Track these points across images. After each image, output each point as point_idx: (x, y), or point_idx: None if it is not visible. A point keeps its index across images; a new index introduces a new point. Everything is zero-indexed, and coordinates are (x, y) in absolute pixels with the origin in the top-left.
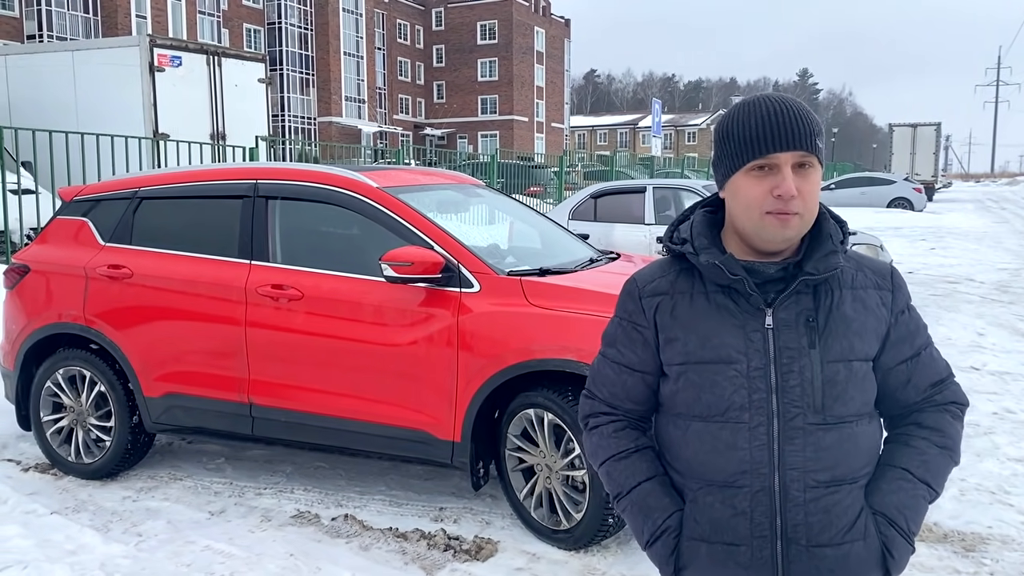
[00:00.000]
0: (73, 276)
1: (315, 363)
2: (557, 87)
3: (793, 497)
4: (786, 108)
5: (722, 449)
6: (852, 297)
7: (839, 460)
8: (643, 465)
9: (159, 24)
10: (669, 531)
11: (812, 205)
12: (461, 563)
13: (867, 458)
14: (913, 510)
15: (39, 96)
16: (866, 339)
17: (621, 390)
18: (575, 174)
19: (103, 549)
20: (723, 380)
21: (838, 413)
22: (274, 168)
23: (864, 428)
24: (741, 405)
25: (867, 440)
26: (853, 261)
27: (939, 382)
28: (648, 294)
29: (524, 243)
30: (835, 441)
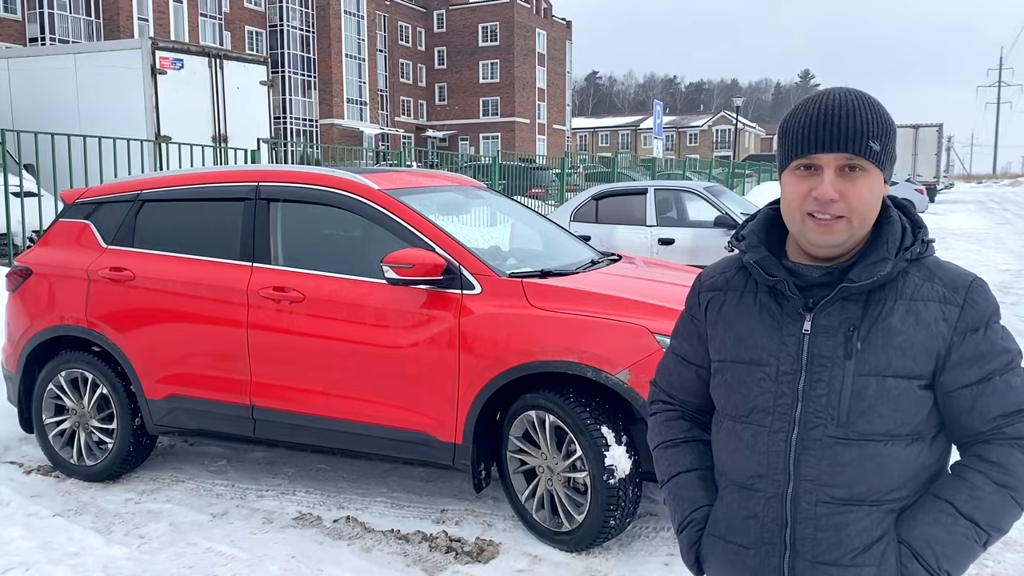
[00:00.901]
0: (75, 279)
1: (317, 365)
2: (559, 89)
3: (804, 509)
4: (839, 106)
5: (742, 449)
6: (906, 309)
7: (858, 479)
8: (686, 457)
9: (161, 27)
10: (694, 524)
11: (862, 209)
12: (463, 565)
13: (897, 482)
14: (948, 547)
15: (41, 99)
16: (911, 355)
17: (678, 380)
18: (577, 176)
19: (105, 551)
20: (751, 381)
21: (862, 430)
22: (276, 170)
23: (896, 450)
24: (764, 408)
25: (897, 463)
26: (925, 270)
27: (1012, 413)
28: (706, 288)
29: (525, 245)
30: (855, 458)
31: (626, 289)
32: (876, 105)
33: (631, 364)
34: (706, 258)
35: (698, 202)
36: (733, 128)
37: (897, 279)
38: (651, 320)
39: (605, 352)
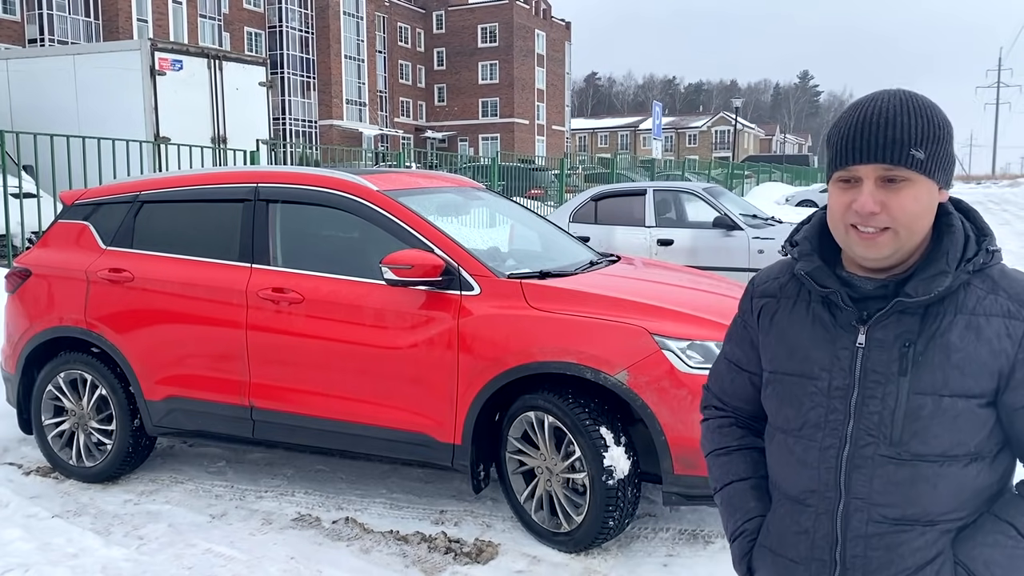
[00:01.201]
0: (74, 280)
1: (316, 366)
2: (558, 90)
3: (855, 527)
4: (879, 113)
5: (794, 464)
6: (966, 324)
7: (912, 499)
8: (739, 465)
9: (160, 28)
10: (746, 534)
11: (907, 221)
12: (462, 566)
13: (953, 503)
14: (1008, 570)
15: (40, 100)
16: (970, 374)
17: (730, 387)
18: (576, 177)
19: (104, 552)
20: (803, 395)
21: (915, 450)
22: (275, 172)
23: (952, 471)
24: (816, 423)
25: (954, 484)
26: (989, 281)
27: None
28: (759, 294)
29: (524, 246)
30: (908, 478)
31: (625, 290)
32: (923, 109)
33: (630, 365)
34: (705, 259)
35: (697, 203)
36: (732, 129)
37: (958, 291)
38: (650, 321)
39: (604, 353)
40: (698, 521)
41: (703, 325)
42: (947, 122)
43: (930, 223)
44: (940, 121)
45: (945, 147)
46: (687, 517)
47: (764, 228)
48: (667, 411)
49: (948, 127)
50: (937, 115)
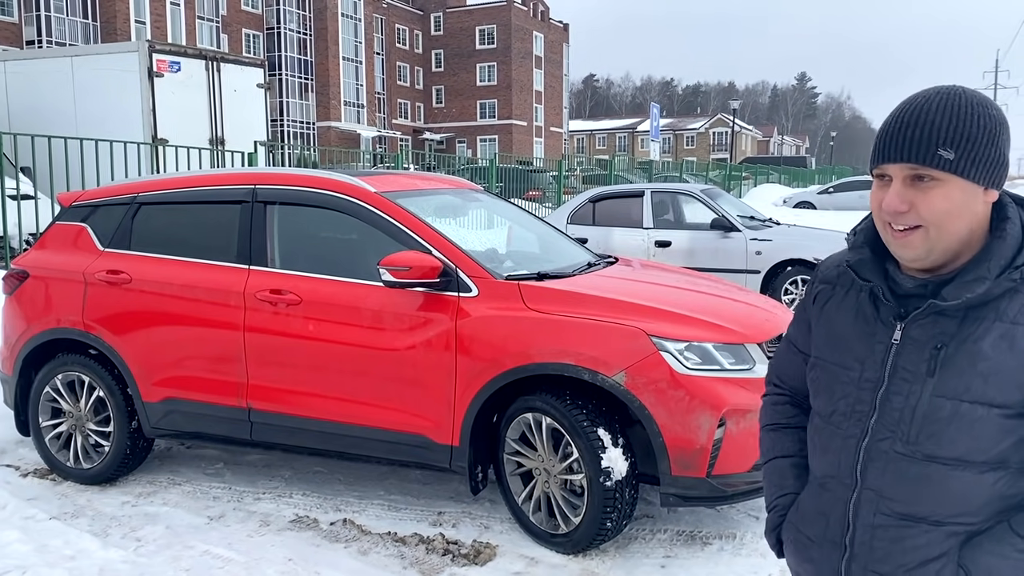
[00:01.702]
0: (72, 281)
1: (313, 368)
2: (556, 91)
3: (863, 516)
4: (913, 112)
5: (820, 448)
6: (1002, 333)
7: (920, 497)
8: (785, 442)
9: (158, 30)
10: (778, 508)
11: (936, 220)
12: (460, 567)
13: (965, 507)
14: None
15: (38, 101)
16: (995, 383)
17: (788, 367)
18: (574, 178)
19: (102, 554)
20: (835, 384)
21: (929, 451)
22: (273, 173)
23: (967, 475)
24: (844, 412)
25: (968, 489)
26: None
27: None
28: (820, 280)
29: (522, 247)
30: (919, 477)
31: (623, 292)
32: (962, 107)
33: (627, 366)
34: (703, 260)
35: (695, 204)
36: (730, 130)
37: (1002, 298)
38: (647, 322)
39: (601, 354)
40: (696, 522)
41: (700, 326)
42: (992, 120)
43: (968, 224)
44: (981, 120)
45: (984, 147)
46: (685, 518)
47: (762, 230)
48: (665, 412)
49: (991, 126)
50: (979, 114)
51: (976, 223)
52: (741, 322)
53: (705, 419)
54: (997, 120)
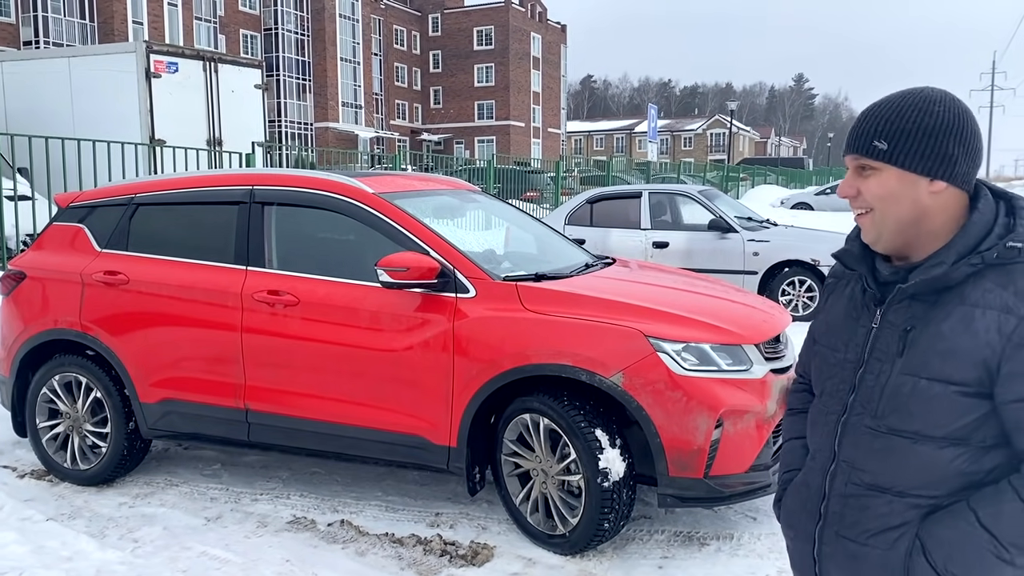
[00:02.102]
0: (69, 282)
1: (311, 369)
2: (554, 92)
3: (837, 487)
4: (867, 110)
5: (811, 424)
6: (961, 315)
7: (884, 469)
8: (797, 425)
9: (156, 30)
10: (781, 483)
11: (876, 204)
12: (457, 568)
13: (924, 480)
14: (961, 553)
15: (35, 102)
16: (951, 361)
17: (805, 357)
18: (572, 179)
19: (99, 555)
20: (825, 365)
21: (891, 424)
22: (270, 174)
23: (925, 449)
24: (830, 392)
25: (926, 462)
26: (1005, 276)
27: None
28: (831, 274)
29: (520, 248)
30: (884, 449)
31: (620, 292)
32: (906, 104)
33: (625, 367)
34: (700, 261)
35: (692, 205)
36: (727, 132)
37: (967, 283)
38: (645, 323)
39: (599, 355)
40: (693, 523)
41: (698, 327)
42: (936, 117)
43: (911, 211)
44: (922, 116)
45: (920, 140)
46: (682, 519)
47: (759, 231)
48: (662, 413)
49: (932, 122)
50: (923, 110)
51: (923, 212)
52: (739, 323)
53: (702, 420)
54: (943, 118)
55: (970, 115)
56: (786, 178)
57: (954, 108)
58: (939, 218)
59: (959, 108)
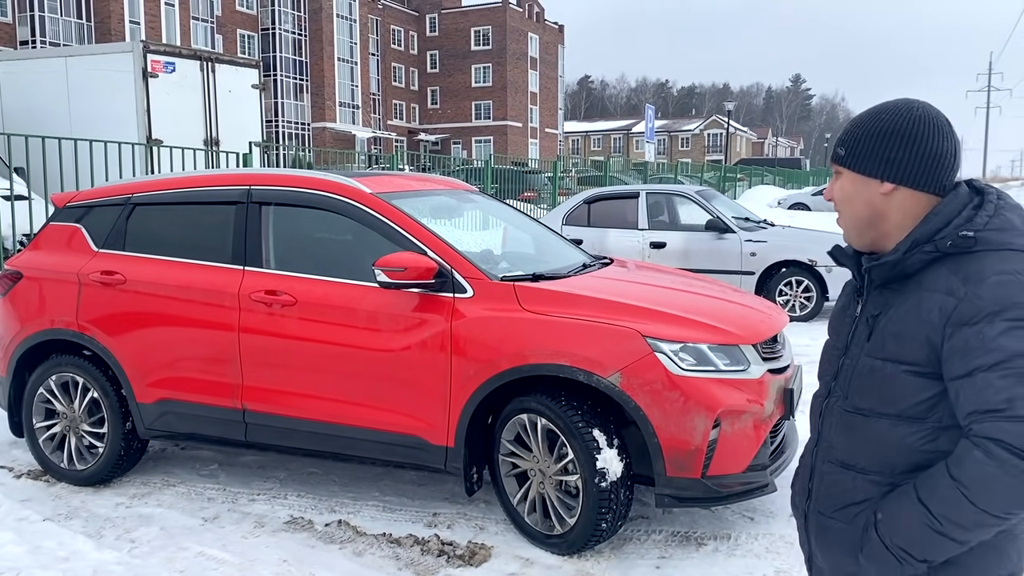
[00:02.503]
0: (66, 282)
1: (309, 369)
2: (551, 92)
3: (818, 465)
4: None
5: (809, 410)
6: (916, 299)
7: (848, 446)
8: None
9: (153, 30)
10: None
11: (839, 206)
12: (455, 568)
13: (879, 456)
14: (902, 525)
15: (32, 102)
16: (901, 342)
17: None
18: (569, 179)
19: (96, 556)
20: (823, 355)
21: (855, 403)
22: (268, 174)
23: (882, 426)
24: (821, 376)
25: (882, 439)
26: (957, 264)
27: (983, 412)
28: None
29: (518, 248)
30: (849, 427)
31: (618, 293)
32: (868, 116)
33: (623, 367)
34: (697, 261)
35: (690, 206)
36: (725, 132)
37: (925, 270)
38: (642, 323)
39: (596, 355)
40: (691, 523)
41: (695, 328)
42: (890, 127)
43: (867, 211)
44: (878, 125)
45: (868, 144)
46: (680, 519)
47: (756, 231)
48: (660, 413)
49: (886, 130)
50: (881, 120)
51: (877, 212)
52: (736, 323)
53: (700, 420)
54: (891, 124)
55: (927, 122)
56: (783, 178)
57: (907, 115)
58: (895, 217)
59: (913, 116)
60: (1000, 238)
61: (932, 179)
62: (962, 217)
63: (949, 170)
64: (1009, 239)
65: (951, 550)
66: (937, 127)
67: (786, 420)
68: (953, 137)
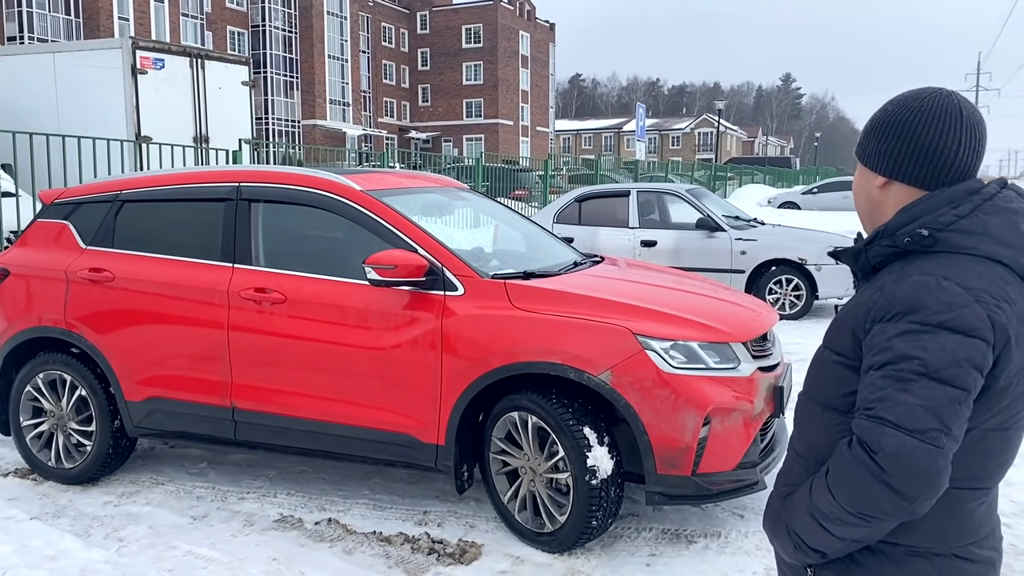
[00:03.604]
0: (54, 279)
1: (298, 367)
2: (542, 91)
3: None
4: None
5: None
6: (864, 293)
7: (799, 433)
8: None
9: (142, 26)
10: None
11: (855, 199)
12: (445, 566)
13: (811, 442)
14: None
15: (20, 98)
16: (836, 332)
17: None
18: (560, 178)
19: (83, 555)
20: None
21: (807, 389)
22: (257, 171)
23: (818, 414)
24: None
25: (815, 424)
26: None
27: (860, 409)
28: None
29: (508, 246)
30: (800, 413)
31: (608, 291)
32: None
33: (613, 365)
34: (688, 260)
35: (680, 204)
36: (715, 131)
37: (888, 265)
38: (633, 321)
39: (587, 353)
40: (681, 521)
41: (686, 325)
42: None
43: (866, 201)
44: (879, 118)
45: (872, 140)
46: (670, 517)
47: (746, 230)
48: (650, 411)
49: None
50: (884, 112)
51: (874, 204)
52: (726, 321)
53: (690, 418)
54: (893, 119)
55: (926, 115)
56: (773, 177)
57: (909, 107)
58: (889, 212)
59: (914, 107)
60: (963, 241)
61: (926, 174)
62: (934, 215)
63: (949, 166)
64: (972, 243)
65: (833, 545)
66: (939, 120)
67: (776, 418)
68: (958, 131)
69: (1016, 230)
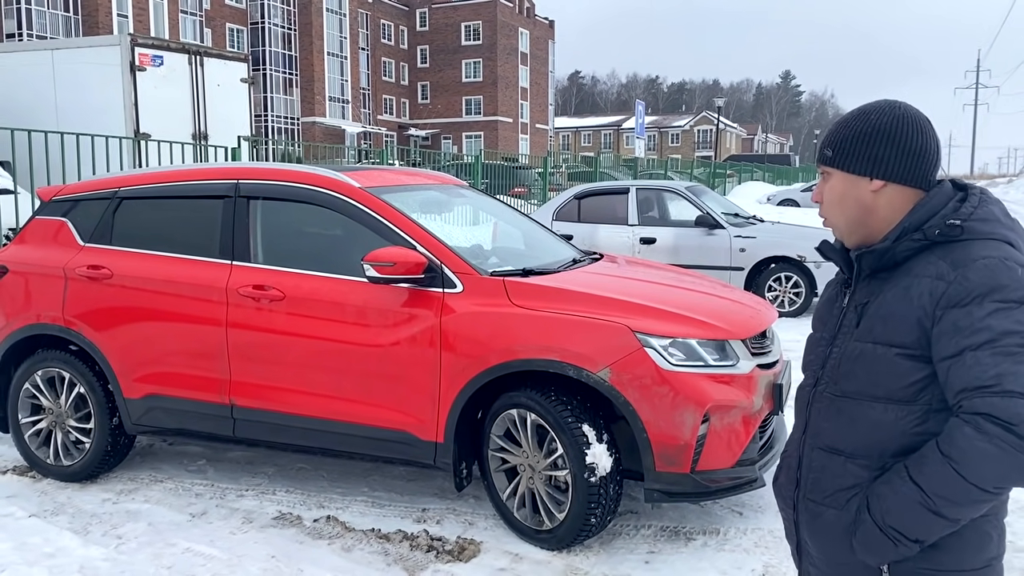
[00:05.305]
0: (52, 277)
1: (297, 364)
2: (541, 88)
3: (806, 453)
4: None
5: (794, 400)
6: (905, 284)
7: (837, 431)
8: None
9: (141, 23)
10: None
11: (828, 207)
12: (444, 564)
13: (868, 440)
14: (894, 505)
15: (18, 95)
16: (891, 324)
17: None
18: (559, 175)
19: (82, 552)
20: (808, 346)
21: (843, 388)
22: (256, 168)
23: (872, 410)
24: (807, 367)
25: (872, 424)
26: (944, 251)
27: (973, 389)
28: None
29: (507, 244)
30: (836, 412)
31: (607, 288)
32: (850, 117)
33: (612, 362)
34: (687, 257)
35: (679, 202)
36: (714, 128)
37: (914, 258)
38: (632, 319)
39: (586, 351)
40: (679, 518)
41: (685, 323)
42: (870, 125)
43: (856, 207)
44: (859, 125)
45: (857, 146)
46: (668, 514)
47: (746, 227)
48: (649, 408)
49: (867, 130)
50: (862, 120)
51: (867, 208)
52: (725, 319)
53: (689, 415)
54: (875, 124)
55: (909, 121)
56: (773, 175)
57: (891, 115)
58: (884, 212)
59: (896, 115)
60: (984, 228)
61: (917, 174)
62: (948, 208)
63: (932, 165)
64: (992, 229)
65: (942, 529)
66: (919, 125)
67: (775, 415)
68: (933, 134)
69: (1007, 215)
